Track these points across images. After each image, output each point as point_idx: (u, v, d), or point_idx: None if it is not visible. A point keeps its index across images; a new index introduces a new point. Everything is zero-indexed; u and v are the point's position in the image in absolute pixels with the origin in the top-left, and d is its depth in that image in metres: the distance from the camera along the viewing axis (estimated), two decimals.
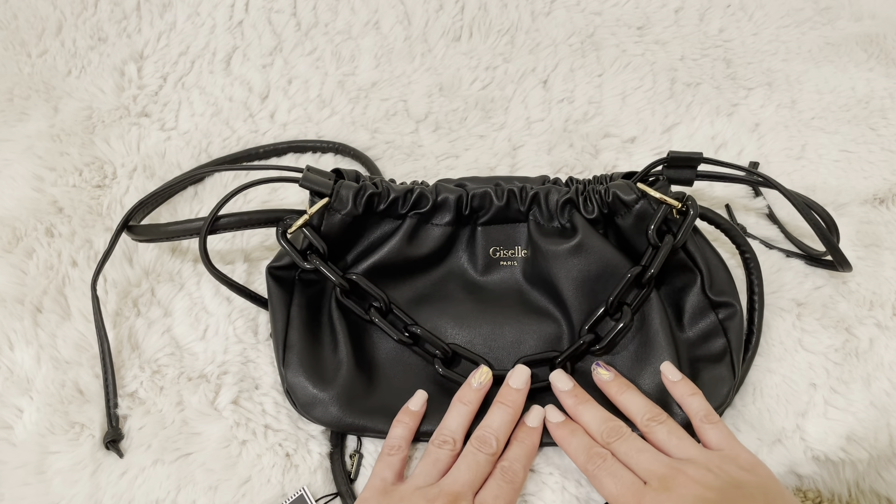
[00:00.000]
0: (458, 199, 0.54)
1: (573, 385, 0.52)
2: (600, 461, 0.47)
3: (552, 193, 0.54)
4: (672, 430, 0.49)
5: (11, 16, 0.78)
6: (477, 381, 0.51)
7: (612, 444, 0.48)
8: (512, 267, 0.56)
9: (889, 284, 0.60)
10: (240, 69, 0.76)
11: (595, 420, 0.50)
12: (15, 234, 0.62)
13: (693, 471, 0.45)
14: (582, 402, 0.51)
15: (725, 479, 0.45)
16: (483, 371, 0.52)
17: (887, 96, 0.75)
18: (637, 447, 0.48)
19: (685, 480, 0.45)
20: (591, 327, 0.53)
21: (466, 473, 0.47)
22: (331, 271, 0.52)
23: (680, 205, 0.52)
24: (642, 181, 0.54)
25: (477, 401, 0.51)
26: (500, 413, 0.50)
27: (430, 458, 0.48)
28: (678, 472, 0.45)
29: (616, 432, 0.49)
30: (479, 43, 0.79)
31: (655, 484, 0.45)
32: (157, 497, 0.50)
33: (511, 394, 0.51)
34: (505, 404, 0.50)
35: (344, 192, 0.52)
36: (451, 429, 0.50)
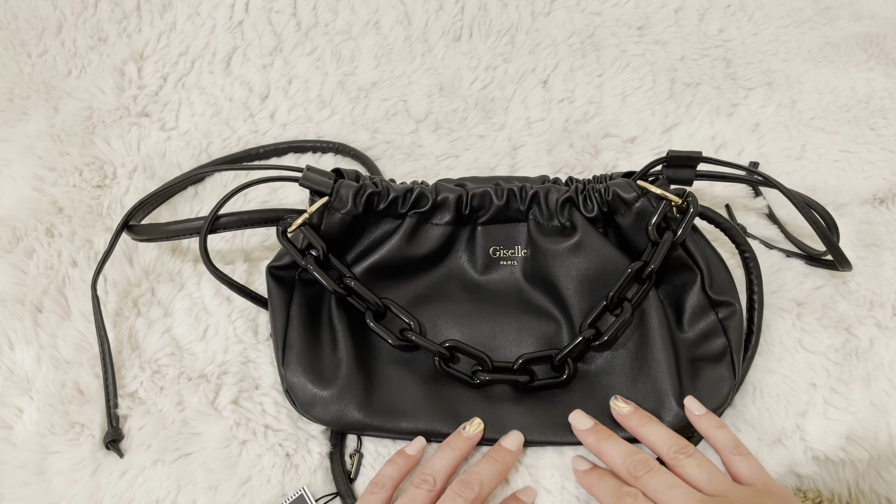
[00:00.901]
0: (457, 198, 0.54)
1: (593, 423, 0.50)
2: (631, 500, 0.45)
3: (552, 192, 0.54)
4: (702, 464, 0.47)
5: (11, 16, 0.78)
6: (469, 432, 0.51)
7: (641, 479, 0.46)
8: (512, 266, 0.56)
9: (889, 284, 0.60)
10: (240, 69, 0.76)
11: (619, 455, 0.48)
12: (15, 234, 0.62)
13: None
14: (604, 439, 0.49)
15: None
16: (476, 423, 0.51)
17: (887, 96, 0.75)
18: (668, 482, 0.45)
19: None
20: (591, 322, 0.52)
21: None
22: (324, 278, 0.52)
23: (680, 201, 0.52)
24: (642, 180, 0.54)
25: (466, 449, 0.50)
26: (489, 465, 0.49)
27: (408, 497, 0.47)
28: None
29: (644, 465, 0.47)
30: (479, 43, 0.79)
31: None
32: (157, 497, 0.50)
33: (503, 453, 0.50)
34: (495, 459, 0.49)
35: (344, 192, 0.52)
36: (435, 469, 0.48)
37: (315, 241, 0.52)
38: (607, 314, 0.53)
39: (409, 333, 0.53)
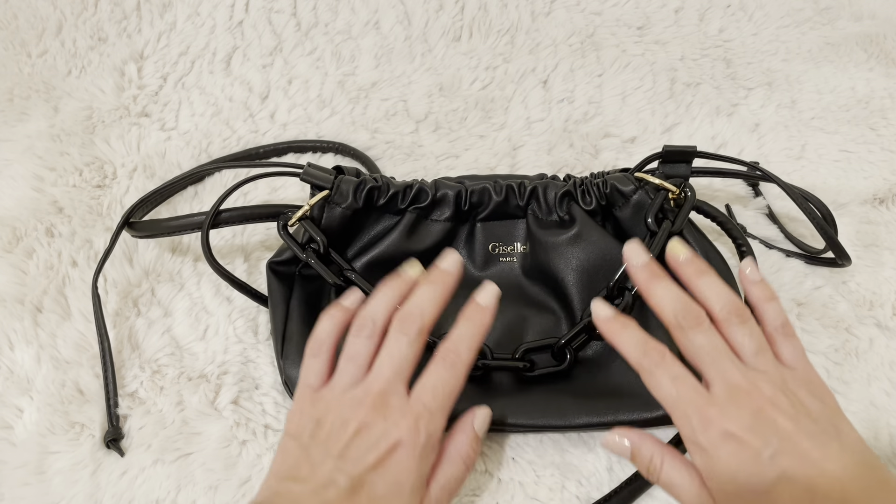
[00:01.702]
0: (456, 194, 0.55)
1: (649, 259, 0.45)
2: (658, 358, 0.42)
3: (550, 188, 0.55)
4: (753, 334, 0.42)
5: (11, 16, 0.78)
6: (409, 271, 0.46)
7: (688, 332, 0.42)
8: (511, 263, 0.56)
9: (889, 284, 0.60)
10: (240, 69, 0.76)
11: (670, 299, 0.43)
12: (15, 234, 0.62)
13: (768, 389, 0.40)
14: (656, 278, 0.44)
15: (799, 407, 0.40)
16: (413, 263, 0.47)
17: (887, 96, 0.75)
18: (716, 345, 0.41)
19: (759, 398, 0.39)
20: None
21: (389, 366, 0.42)
22: (325, 271, 0.52)
23: (678, 190, 0.52)
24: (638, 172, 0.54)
25: (405, 290, 0.45)
26: (429, 290, 0.44)
27: (349, 352, 0.43)
28: (753, 387, 0.40)
29: (696, 319, 0.42)
30: (479, 43, 0.79)
31: (723, 393, 0.40)
32: (157, 497, 0.50)
33: (440, 275, 0.45)
34: (436, 282, 0.45)
35: (344, 186, 0.53)
36: (371, 310, 0.44)
37: (315, 233, 0.52)
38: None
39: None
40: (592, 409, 0.50)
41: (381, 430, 0.41)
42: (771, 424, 0.39)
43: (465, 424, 0.45)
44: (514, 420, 0.50)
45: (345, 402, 0.42)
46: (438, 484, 0.42)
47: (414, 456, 0.41)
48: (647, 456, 0.43)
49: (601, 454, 0.52)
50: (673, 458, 0.43)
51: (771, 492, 0.38)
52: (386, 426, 0.41)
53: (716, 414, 0.40)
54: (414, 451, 0.41)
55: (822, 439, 0.39)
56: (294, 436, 0.43)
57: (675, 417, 0.41)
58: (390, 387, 0.42)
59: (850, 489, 0.37)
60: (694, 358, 0.42)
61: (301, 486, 0.40)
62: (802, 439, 0.39)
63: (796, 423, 0.39)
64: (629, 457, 0.44)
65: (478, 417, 0.46)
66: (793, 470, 0.38)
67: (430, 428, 0.42)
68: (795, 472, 0.38)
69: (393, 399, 0.42)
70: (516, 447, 0.52)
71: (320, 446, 0.41)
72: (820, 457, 0.38)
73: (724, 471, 0.39)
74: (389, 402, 0.42)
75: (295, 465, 0.41)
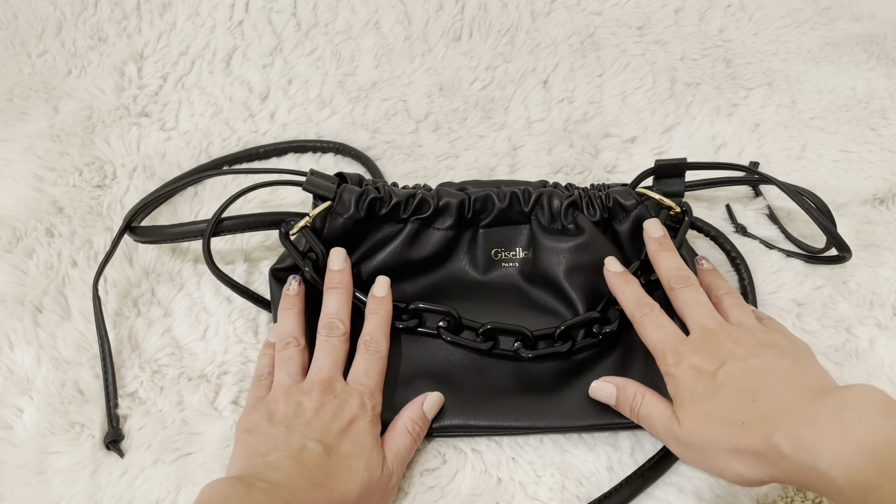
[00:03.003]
0: (460, 203, 0.55)
1: (664, 234, 0.53)
2: (648, 310, 0.49)
3: (555, 197, 0.55)
4: (740, 305, 0.50)
5: (11, 16, 0.78)
6: (292, 290, 0.53)
7: (676, 291, 0.50)
8: (513, 268, 0.56)
9: (889, 284, 0.60)
10: (240, 69, 0.76)
11: (670, 265, 0.51)
12: (15, 234, 0.62)
13: (736, 332, 0.47)
14: (665, 250, 0.52)
15: (763, 339, 0.46)
16: (293, 283, 0.53)
17: (887, 96, 0.75)
18: (698, 300, 0.49)
19: (724, 338, 0.46)
20: (602, 310, 0.53)
21: (326, 359, 0.50)
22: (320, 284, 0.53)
23: (678, 209, 0.54)
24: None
25: (299, 304, 0.53)
26: (335, 297, 0.52)
27: (283, 360, 0.50)
28: (722, 330, 0.47)
29: (684, 280, 0.50)
30: (479, 43, 0.79)
31: (697, 336, 0.47)
32: (157, 497, 0.50)
33: (335, 276, 0.53)
34: (335, 287, 0.52)
35: (346, 196, 0.53)
36: (286, 331, 0.52)
37: (315, 245, 0.52)
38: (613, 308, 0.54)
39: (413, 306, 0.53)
40: (592, 411, 0.51)
41: (335, 406, 0.48)
42: (728, 352, 0.45)
43: (414, 404, 0.51)
44: (515, 422, 0.51)
45: (293, 393, 0.48)
46: (391, 451, 0.48)
47: (367, 423, 0.48)
48: (630, 395, 0.49)
49: (601, 454, 0.52)
50: (651, 394, 0.49)
51: (720, 399, 0.44)
52: (339, 403, 0.48)
53: (687, 351, 0.46)
54: (366, 419, 0.48)
55: (773, 360, 0.45)
56: (249, 430, 0.47)
57: (656, 356, 0.48)
58: (332, 375, 0.49)
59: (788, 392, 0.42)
60: (680, 311, 0.50)
61: (276, 454, 0.44)
62: (754, 359, 0.45)
63: (752, 349, 0.45)
64: (614, 401, 0.50)
65: (428, 400, 0.51)
66: (739, 381, 0.44)
67: (372, 402, 0.49)
68: (741, 383, 0.44)
69: (337, 384, 0.49)
70: (516, 447, 0.52)
71: (280, 426, 0.46)
72: (766, 370, 0.44)
73: (685, 390, 0.45)
74: (335, 386, 0.49)
75: (260, 445, 0.46)
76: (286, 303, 0.53)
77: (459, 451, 0.52)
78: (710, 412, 0.44)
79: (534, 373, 0.53)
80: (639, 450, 0.52)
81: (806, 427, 0.39)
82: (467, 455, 0.52)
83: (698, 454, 0.45)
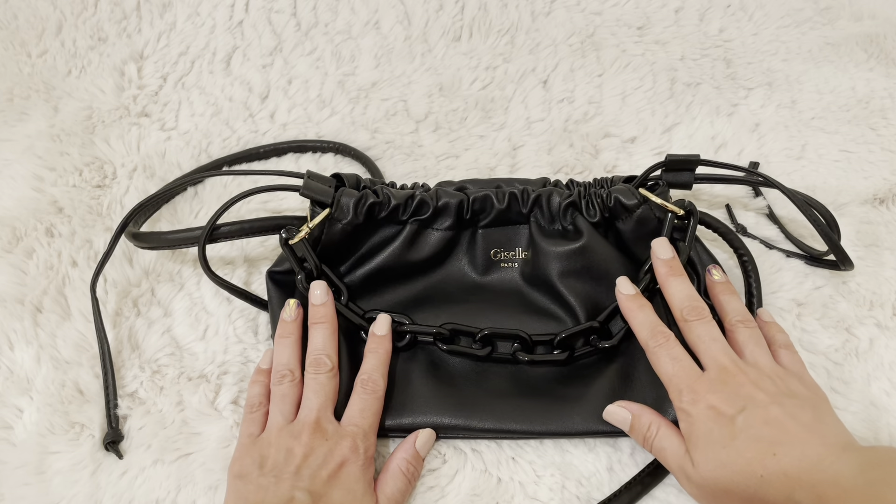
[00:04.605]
0: (459, 203, 0.54)
1: (673, 255, 0.51)
2: (662, 340, 0.48)
3: (554, 196, 0.54)
4: (754, 337, 0.48)
5: (11, 16, 0.78)
6: (289, 315, 0.52)
7: (690, 324, 0.48)
8: (512, 269, 0.56)
9: (889, 284, 0.60)
10: (240, 69, 0.76)
11: (682, 294, 0.50)
12: (15, 234, 0.62)
13: (755, 374, 0.45)
14: (675, 275, 0.51)
15: (782, 387, 0.45)
16: (290, 304, 0.53)
17: (887, 96, 0.75)
18: (713, 335, 0.47)
19: (744, 380, 0.45)
20: (604, 321, 0.53)
21: (315, 398, 0.49)
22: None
23: (682, 212, 0.53)
24: (642, 185, 0.54)
25: (296, 331, 0.52)
26: (320, 332, 0.51)
27: (277, 396, 0.50)
28: (741, 371, 0.45)
29: (697, 312, 0.48)
30: (479, 43, 0.79)
31: (713, 374, 0.46)
32: (157, 497, 0.50)
33: (318, 311, 0.52)
34: (319, 322, 0.52)
35: (345, 201, 0.52)
36: (283, 363, 0.51)
37: (311, 258, 0.52)
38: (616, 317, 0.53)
39: (405, 326, 0.53)
40: (591, 416, 0.51)
41: (325, 450, 0.46)
42: (748, 397, 0.44)
43: (407, 443, 0.50)
44: (513, 426, 0.51)
45: (284, 437, 0.47)
46: (385, 495, 0.47)
47: (359, 467, 0.47)
48: (645, 425, 0.48)
49: (601, 454, 0.52)
50: (667, 427, 0.47)
51: (739, 447, 0.42)
52: (329, 446, 0.47)
53: (704, 389, 0.45)
54: (358, 464, 0.47)
55: (794, 410, 0.43)
56: (240, 476, 0.46)
57: (670, 391, 0.47)
58: (322, 415, 0.48)
59: (811, 448, 0.41)
60: (693, 345, 0.48)
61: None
62: (775, 408, 0.43)
63: (773, 397, 0.44)
64: (628, 427, 0.49)
65: (420, 437, 0.50)
66: (759, 430, 0.43)
67: (365, 444, 0.48)
68: (762, 432, 0.42)
69: (328, 426, 0.48)
70: (516, 447, 0.52)
71: (270, 475, 0.45)
72: (788, 421, 0.43)
73: (702, 431, 0.44)
74: (325, 428, 0.48)
75: (250, 496, 0.45)
76: (284, 330, 0.52)
77: (459, 451, 0.52)
78: (727, 459, 0.42)
79: (533, 377, 0.53)
80: (639, 450, 0.52)
81: (829, 485, 0.39)
82: (467, 455, 0.52)
83: (710, 498, 0.44)
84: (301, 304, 0.53)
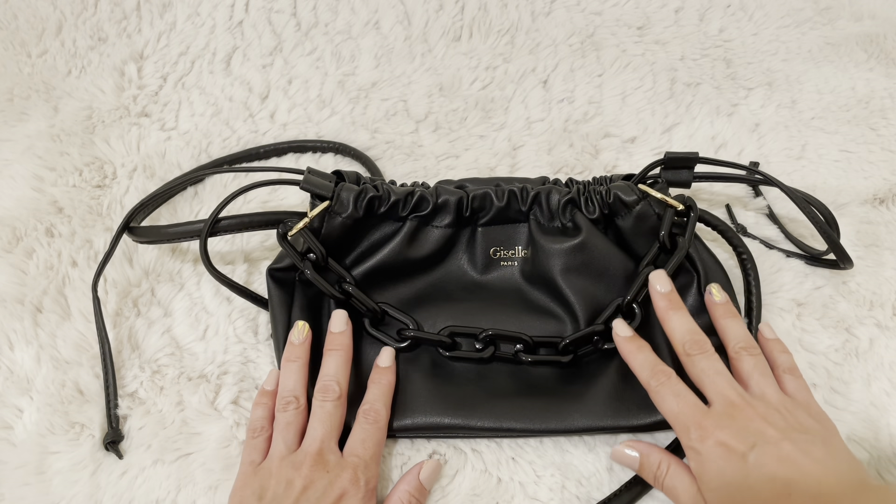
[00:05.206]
0: (458, 200, 0.54)
1: (671, 289, 0.51)
2: (664, 378, 0.47)
3: (553, 193, 0.54)
4: (759, 366, 0.48)
5: (11, 16, 0.78)
6: (297, 338, 0.52)
7: (693, 358, 0.47)
8: (512, 267, 0.56)
9: (889, 284, 0.60)
10: (240, 69, 0.76)
11: (682, 328, 0.49)
12: (15, 234, 0.62)
13: (763, 408, 0.45)
14: (674, 308, 0.50)
15: (791, 421, 0.44)
16: (299, 326, 0.52)
17: (887, 96, 0.75)
18: (717, 368, 0.47)
19: (752, 414, 0.44)
20: (605, 321, 0.53)
21: (320, 428, 0.48)
22: (322, 284, 0.53)
23: (682, 207, 0.53)
24: (641, 183, 0.54)
25: (304, 355, 0.51)
26: (333, 359, 0.51)
27: (281, 424, 0.49)
28: (748, 404, 0.45)
29: (700, 346, 0.48)
30: (479, 43, 0.79)
31: (720, 408, 0.45)
32: (157, 497, 0.50)
33: (336, 338, 0.52)
34: (334, 349, 0.51)
35: (345, 195, 0.52)
36: (289, 388, 0.50)
37: (314, 246, 0.52)
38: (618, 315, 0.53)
39: (408, 331, 0.53)
40: (591, 413, 0.51)
41: (325, 482, 0.46)
42: (759, 433, 0.43)
43: (411, 475, 0.49)
44: (514, 424, 0.51)
45: (285, 467, 0.47)
46: None
47: (359, 500, 0.46)
48: (654, 463, 0.48)
49: (601, 454, 0.52)
50: (677, 465, 0.47)
51: (753, 487, 0.42)
52: (329, 479, 0.46)
53: (711, 425, 0.44)
54: (358, 496, 0.46)
55: (807, 446, 0.43)
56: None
57: (676, 429, 0.46)
58: (325, 446, 0.47)
59: (827, 487, 0.41)
60: (697, 380, 0.47)
61: None
62: (787, 444, 0.42)
63: (784, 432, 0.43)
64: (637, 467, 0.49)
65: (425, 469, 0.50)
66: (773, 468, 0.42)
67: (367, 475, 0.47)
68: (776, 471, 0.41)
69: (330, 456, 0.47)
70: (516, 447, 0.52)
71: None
72: (801, 458, 0.42)
73: (713, 470, 0.43)
74: (327, 459, 0.47)
75: None
76: (291, 353, 0.51)
77: (459, 451, 0.52)
78: (742, 500, 0.42)
79: (534, 376, 0.53)
80: None
81: None
82: (467, 455, 0.52)
83: None
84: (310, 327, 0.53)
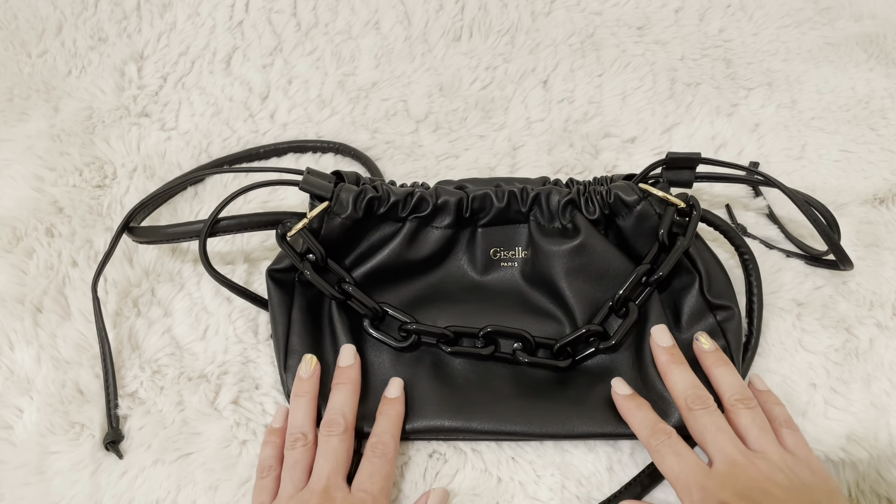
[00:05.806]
0: (458, 201, 0.54)
1: (672, 344, 0.51)
2: (665, 437, 0.47)
3: (553, 194, 0.54)
4: (757, 420, 0.48)
5: (11, 16, 0.78)
6: (305, 371, 0.51)
7: (694, 413, 0.48)
8: (512, 268, 0.56)
9: (889, 284, 0.60)
10: (240, 69, 0.76)
11: (683, 383, 0.49)
12: (15, 234, 0.62)
13: (765, 466, 0.45)
14: (676, 363, 0.50)
15: (795, 480, 0.44)
16: (307, 359, 0.52)
17: (887, 96, 0.75)
18: (719, 425, 0.47)
19: (755, 473, 0.44)
20: (600, 322, 0.53)
21: (326, 465, 0.47)
22: (321, 284, 0.52)
23: (684, 205, 0.52)
24: (642, 182, 0.54)
25: (312, 389, 0.51)
26: (340, 392, 0.50)
27: (289, 462, 0.48)
28: (750, 463, 0.45)
29: (701, 401, 0.48)
30: (479, 43, 0.79)
31: (722, 468, 0.45)
32: (157, 497, 0.50)
33: (344, 372, 0.51)
34: (342, 383, 0.51)
35: (344, 196, 0.52)
36: (297, 425, 0.50)
37: (314, 246, 0.52)
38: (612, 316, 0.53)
39: (409, 324, 0.53)
40: (591, 419, 0.51)
41: None
42: (762, 493, 0.43)
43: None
44: (514, 428, 0.51)
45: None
46: None
47: None
48: None
49: (601, 454, 0.52)
50: None
51: None
52: None
53: (714, 486, 0.44)
54: None
55: None
56: None
57: (677, 490, 0.45)
58: (332, 483, 0.46)
59: None
60: (699, 436, 0.47)
61: None
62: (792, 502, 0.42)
63: (788, 492, 0.43)
64: None
65: (432, 497, 0.49)
66: None
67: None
68: None
69: (337, 493, 0.46)
70: (516, 447, 0.52)
71: None
72: None
73: None
74: (334, 496, 0.46)
75: None
76: (300, 388, 0.51)
77: (459, 451, 0.52)
78: None
79: (535, 379, 0.53)
80: (639, 451, 0.52)
81: None
82: (467, 455, 0.52)
83: None
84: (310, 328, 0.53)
